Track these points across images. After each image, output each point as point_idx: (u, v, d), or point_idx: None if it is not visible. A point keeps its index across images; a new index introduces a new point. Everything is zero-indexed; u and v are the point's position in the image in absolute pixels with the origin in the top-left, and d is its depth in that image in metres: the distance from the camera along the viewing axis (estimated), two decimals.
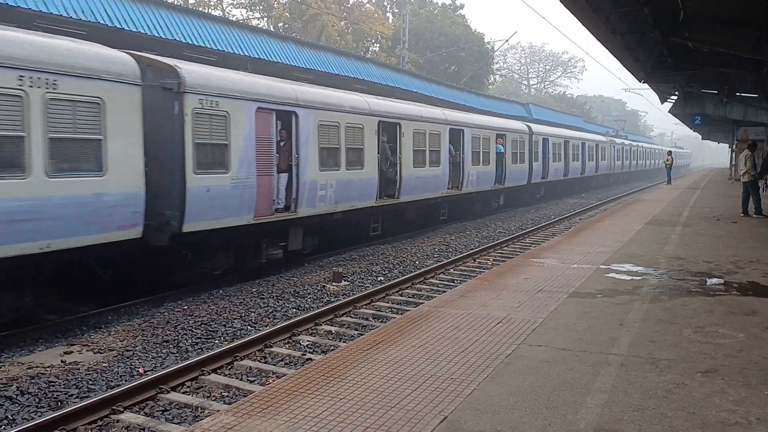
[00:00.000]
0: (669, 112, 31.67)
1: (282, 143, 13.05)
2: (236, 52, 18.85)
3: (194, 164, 10.60)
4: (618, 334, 6.35)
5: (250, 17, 46.33)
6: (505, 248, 17.07)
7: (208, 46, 17.81)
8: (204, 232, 10.97)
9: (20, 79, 8.04)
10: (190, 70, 10.85)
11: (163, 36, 16.30)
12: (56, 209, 8.50)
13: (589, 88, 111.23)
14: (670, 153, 38.86)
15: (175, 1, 35.35)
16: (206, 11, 33.45)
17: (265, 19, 45.33)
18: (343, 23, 45.37)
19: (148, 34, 15.81)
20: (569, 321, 6.83)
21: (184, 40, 16.99)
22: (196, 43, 17.41)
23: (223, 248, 11.89)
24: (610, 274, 9.40)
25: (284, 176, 13.11)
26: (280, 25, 43.48)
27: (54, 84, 8.46)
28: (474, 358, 5.63)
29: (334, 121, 14.43)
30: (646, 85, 27.16)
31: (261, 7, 46.24)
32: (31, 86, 8.16)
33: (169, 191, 10.41)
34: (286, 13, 42.94)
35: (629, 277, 9.17)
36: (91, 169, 9.04)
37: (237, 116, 11.48)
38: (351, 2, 49.28)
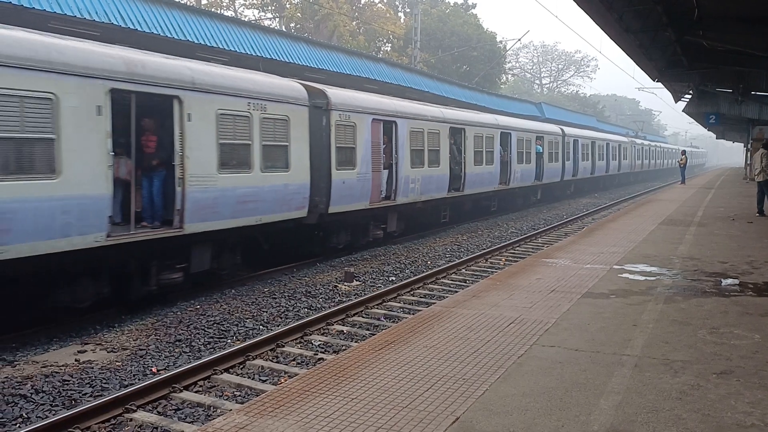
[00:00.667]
0: (683, 111, 31.44)
1: (384, 146, 16.16)
2: (248, 53, 18.91)
3: (336, 162, 14.11)
4: (632, 334, 6.30)
5: (262, 18, 46.49)
6: (518, 248, 17.01)
7: (221, 47, 17.88)
8: (340, 213, 14.51)
9: (248, 105, 11.59)
10: (333, 93, 14.41)
11: (175, 37, 16.38)
12: (265, 194, 12.04)
13: (603, 87, 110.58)
14: (684, 152, 38.56)
15: (188, 2, 35.58)
16: (218, 12, 33.57)
17: (277, 19, 45.45)
18: (354, 23, 45.39)
19: (161, 35, 15.89)
20: (582, 322, 6.78)
21: (196, 41, 17.06)
22: (209, 44, 17.48)
23: (344, 228, 15.35)
24: (624, 275, 9.33)
25: (386, 172, 16.36)
26: (292, 25, 43.57)
27: (264, 107, 11.94)
28: (486, 359, 5.60)
29: (420, 128, 17.88)
30: (659, 84, 27.00)
31: (273, 8, 46.36)
32: (254, 109, 11.73)
33: (320, 182, 13.76)
34: (298, 14, 43.02)
35: (643, 278, 9.10)
36: (283, 167, 12.55)
37: (360, 126, 14.99)
38: (363, 2, 49.31)
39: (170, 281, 10.57)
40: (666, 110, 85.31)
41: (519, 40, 39.87)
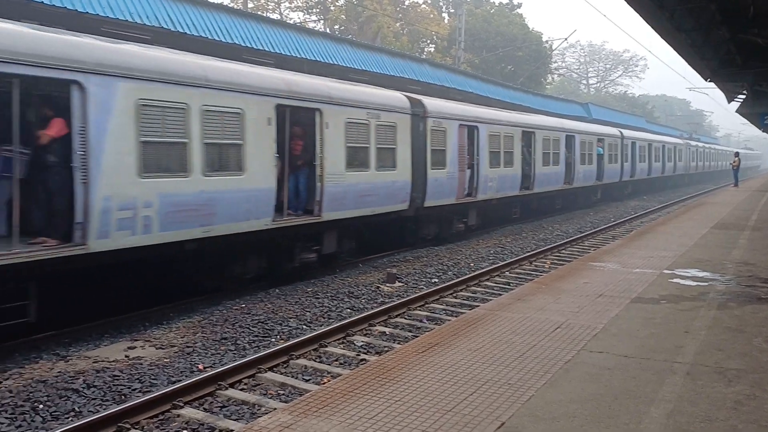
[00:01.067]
0: (736, 111, 30.44)
1: (467, 148, 17.74)
2: (293, 55, 19.10)
3: (431, 163, 16.12)
4: (683, 341, 6.12)
5: (307, 20, 46.96)
6: (563, 251, 16.74)
7: (266, 49, 18.11)
8: (432, 207, 16.48)
9: (367, 114, 13.72)
10: (429, 102, 16.53)
11: (223, 40, 16.66)
12: (378, 189, 14.20)
13: (652, 88, 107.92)
14: (737, 154, 37.38)
15: (234, 5, 36.16)
16: (264, 15, 34.02)
17: (322, 21, 45.82)
18: (398, 24, 45.42)
19: (209, 38, 16.18)
20: (632, 327, 6.62)
21: (243, 44, 17.32)
22: (255, 47, 17.73)
23: (434, 220, 17.39)
24: (675, 280, 9.08)
25: (468, 171, 18.09)
26: (336, 27, 43.86)
27: (378, 116, 14.05)
28: (532, 363, 5.51)
29: (497, 132, 19.73)
30: (711, 84, 26.18)
31: (318, 10, 46.76)
32: (371, 118, 13.85)
33: (418, 180, 15.74)
34: (342, 16, 43.29)
35: (695, 283, 8.84)
36: (391, 166, 14.59)
37: (449, 131, 16.98)
38: (407, 3, 49.33)
39: (308, 260, 12.74)
40: (718, 111, 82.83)
41: (566, 39, 39.21)
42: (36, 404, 6.49)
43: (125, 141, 8.81)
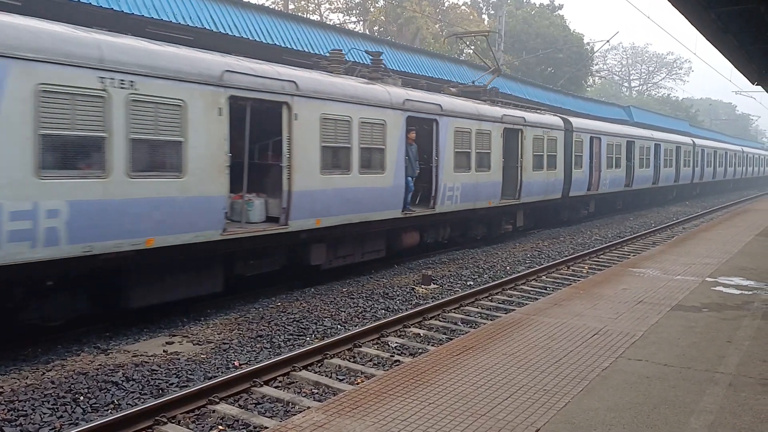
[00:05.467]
0: None
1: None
2: None
3: (574, 165, 21.38)
4: (726, 351, 5.97)
5: (347, 21, 47.16)
6: (601, 256, 16.46)
7: (306, 50, 18.24)
8: (573, 197, 21.97)
9: (542, 132, 19.25)
10: (575, 120, 22.02)
11: (264, 41, 16.85)
12: (550, 184, 19.80)
13: (696, 91, 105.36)
14: None
15: (276, 7, 36.52)
16: (305, 16, 34.31)
17: (362, 22, 45.98)
18: (437, 25, 45.30)
19: (251, 39, 16.39)
20: (672, 335, 6.48)
21: (283, 45, 17.49)
22: (295, 48, 17.88)
23: (572, 207, 23.08)
24: (717, 288, 8.86)
25: (594, 172, 22.64)
26: (376, 28, 43.96)
27: (549, 133, 19.61)
28: (568, 370, 5.44)
29: (612, 142, 25.23)
30: (759, 88, 25.45)
31: (357, 12, 46.94)
32: (545, 134, 19.49)
33: (567, 177, 21.15)
34: (382, 17, 43.36)
35: (738, 291, 8.61)
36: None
37: (585, 141, 22.21)
38: (446, 5, 49.15)
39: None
40: (765, 115, 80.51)
41: (608, 41, 38.71)
42: (77, 396, 6.66)
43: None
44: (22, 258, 7.22)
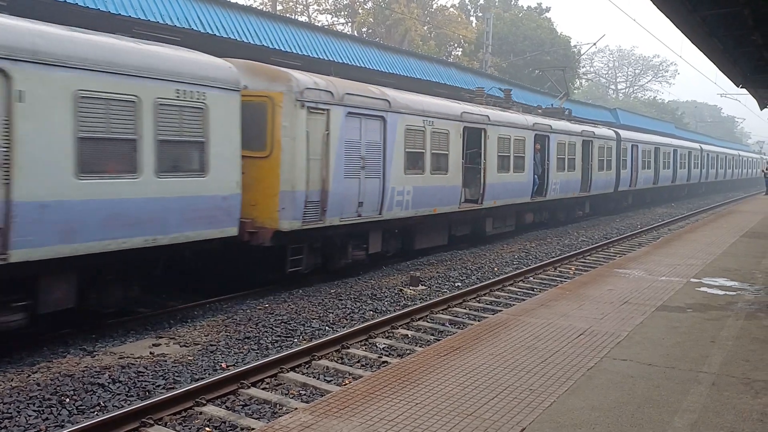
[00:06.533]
0: None
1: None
2: (321, 57, 19.21)
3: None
4: (709, 351, 6.04)
5: (335, 23, 47.16)
6: (588, 257, 16.57)
7: (294, 52, 18.24)
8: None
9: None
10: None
11: (251, 42, 16.82)
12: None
13: (682, 93, 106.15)
14: None
15: (264, 8, 36.45)
16: (293, 17, 34.28)
17: (350, 24, 45.99)
18: (426, 28, 45.40)
19: (238, 39, 16.35)
20: (656, 335, 6.54)
21: (271, 46, 17.47)
22: (283, 49, 17.87)
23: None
24: (702, 288, 8.95)
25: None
26: (364, 30, 43.98)
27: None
28: (554, 370, 5.48)
29: (645, 149, 30.80)
30: (744, 90, 25.72)
31: (345, 13, 46.95)
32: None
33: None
34: (370, 19, 43.38)
35: (722, 292, 8.71)
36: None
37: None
38: (434, 7, 49.25)
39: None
40: (750, 117, 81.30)
41: (594, 44, 39.10)
42: (63, 398, 6.62)
43: None
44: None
